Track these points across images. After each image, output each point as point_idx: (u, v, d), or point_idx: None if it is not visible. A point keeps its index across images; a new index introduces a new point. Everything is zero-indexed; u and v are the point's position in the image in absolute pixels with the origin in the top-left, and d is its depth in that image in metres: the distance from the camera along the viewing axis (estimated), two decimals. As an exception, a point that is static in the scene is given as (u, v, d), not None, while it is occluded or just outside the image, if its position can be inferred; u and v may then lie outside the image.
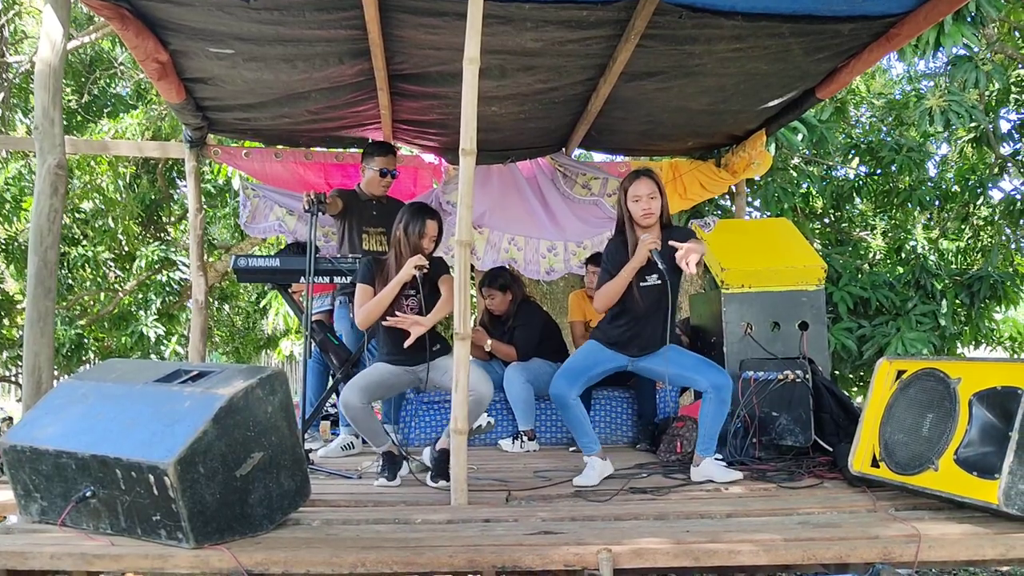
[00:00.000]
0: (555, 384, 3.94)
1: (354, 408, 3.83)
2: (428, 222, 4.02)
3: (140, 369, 3.18)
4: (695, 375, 3.91)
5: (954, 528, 2.88)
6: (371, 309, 3.95)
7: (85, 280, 10.16)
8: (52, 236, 3.48)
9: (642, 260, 3.83)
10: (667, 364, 3.93)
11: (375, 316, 3.95)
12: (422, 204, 4.17)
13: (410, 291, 4.01)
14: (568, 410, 3.92)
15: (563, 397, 3.90)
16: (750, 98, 5.36)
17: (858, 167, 9.02)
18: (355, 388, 3.87)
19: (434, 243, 4.06)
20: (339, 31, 4.28)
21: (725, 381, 3.84)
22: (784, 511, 3.24)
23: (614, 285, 3.90)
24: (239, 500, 2.79)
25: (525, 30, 4.24)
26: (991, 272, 7.75)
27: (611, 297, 3.93)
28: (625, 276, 3.87)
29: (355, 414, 3.84)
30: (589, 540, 2.75)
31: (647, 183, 3.92)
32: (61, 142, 3.54)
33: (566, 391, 3.91)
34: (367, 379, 3.95)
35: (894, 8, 4.19)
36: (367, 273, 4.05)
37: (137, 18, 4.09)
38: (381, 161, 5.14)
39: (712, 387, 3.82)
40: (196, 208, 5.84)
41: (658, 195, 3.92)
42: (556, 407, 3.98)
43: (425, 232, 4.00)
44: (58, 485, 2.85)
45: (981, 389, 3.07)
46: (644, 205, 3.89)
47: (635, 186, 3.94)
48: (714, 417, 3.85)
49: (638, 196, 3.91)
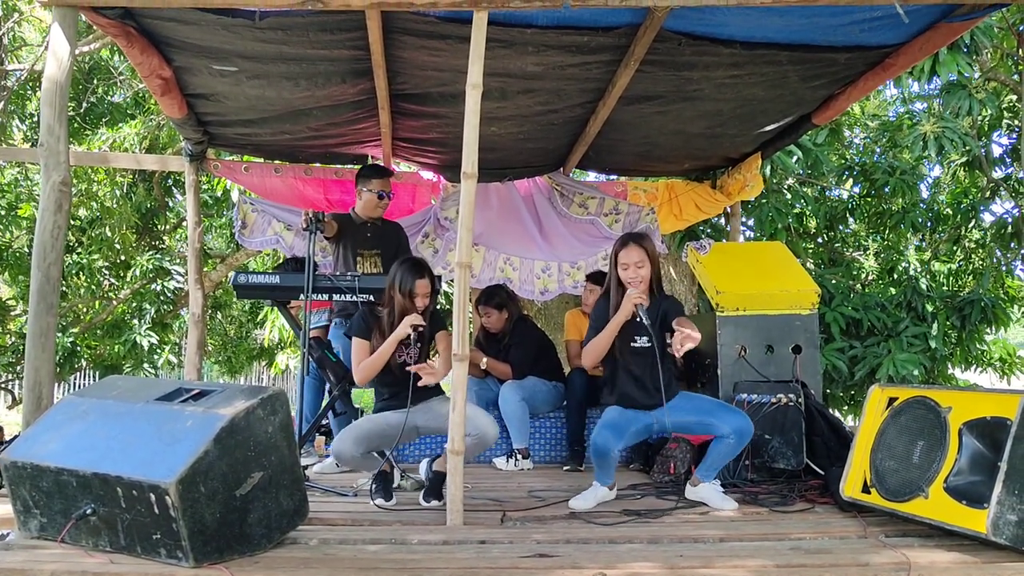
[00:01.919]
0: (601, 435, 3.80)
1: (346, 459, 3.89)
2: (418, 281, 4.00)
3: (141, 387, 3.20)
4: (715, 420, 3.85)
5: (943, 556, 2.92)
6: (368, 367, 3.97)
7: (79, 288, 10.15)
8: (55, 252, 3.50)
9: (627, 314, 3.81)
10: (683, 414, 3.90)
11: (373, 374, 3.98)
12: (416, 261, 4.12)
13: (407, 342, 4.04)
14: (606, 458, 3.83)
15: (607, 449, 3.79)
16: (747, 123, 5.44)
17: (852, 188, 9.10)
18: (348, 440, 3.87)
19: (428, 299, 4.05)
20: (342, 51, 4.33)
21: (748, 426, 3.81)
22: (776, 536, 3.28)
23: (599, 340, 3.88)
24: (238, 519, 2.81)
25: (527, 54, 4.30)
26: (982, 295, 7.83)
27: (597, 352, 3.91)
28: (610, 330, 3.85)
29: (347, 462, 3.92)
30: (584, 564, 2.78)
31: (636, 251, 3.88)
32: (66, 159, 3.56)
33: (613, 444, 3.79)
34: (364, 430, 3.95)
35: (890, 39, 4.26)
36: (363, 327, 4.05)
37: (142, 35, 4.13)
38: (379, 184, 5.20)
39: (735, 432, 3.79)
40: (195, 222, 5.87)
41: (646, 263, 3.87)
42: (594, 453, 3.84)
43: (416, 292, 3.99)
44: (58, 502, 2.87)
45: (971, 418, 3.12)
46: (632, 273, 3.87)
47: (624, 252, 3.90)
48: (727, 455, 3.87)
49: (627, 264, 3.89)
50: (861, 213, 9.14)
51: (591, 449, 3.88)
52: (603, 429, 3.83)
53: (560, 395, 5.49)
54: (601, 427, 3.85)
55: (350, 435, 3.90)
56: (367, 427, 3.99)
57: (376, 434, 4.00)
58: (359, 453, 3.90)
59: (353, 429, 3.95)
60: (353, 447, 3.86)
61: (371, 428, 3.99)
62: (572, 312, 5.89)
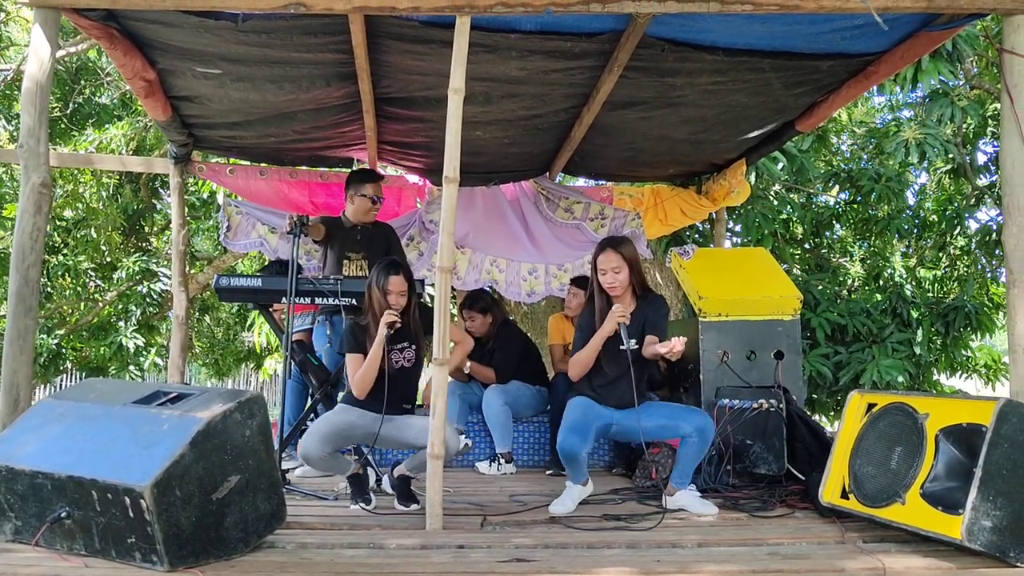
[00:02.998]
0: (567, 440, 3.79)
1: (314, 459, 3.82)
2: (391, 277, 3.98)
3: (119, 390, 3.19)
4: (677, 422, 3.88)
5: (919, 562, 2.93)
6: (363, 376, 3.92)
7: (65, 289, 10.11)
8: (35, 254, 3.48)
9: (609, 331, 3.88)
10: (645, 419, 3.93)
11: (369, 380, 3.92)
12: (390, 260, 4.12)
13: (403, 343, 4.03)
14: (575, 462, 3.85)
15: (576, 453, 3.80)
16: (731, 129, 5.46)
17: (838, 194, 9.15)
18: (315, 438, 3.80)
19: (404, 298, 4.01)
20: (326, 55, 4.33)
21: (708, 424, 3.86)
22: (754, 541, 3.28)
23: (584, 354, 3.96)
24: (215, 523, 2.80)
25: (510, 59, 4.31)
26: (966, 301, 7.87)
27: (583, 365, 3.98)
28: (594, 346, 3.93)
29: (316, 463, 3.85)
30: (561, 568, 2.79)
31: (612, 256, 3.94)
32: (46, 161, 3.55)
33: (580, 447, 3.80)
34: (328, 428, 3.87)
35: (872, 47, 4.29)
36: (352, 342, 4.00)
37: (125, 37, 4.12)
38: (372, 188, 5.18)
39: (696, 431, 3.82)
40: (180, 223, 5.85)
41: (623, 267, 3.94)
42: (562, 456, 3.86)
43: (389, 288, 3.96)
44: (33, 505, 2.86)
45: (948, 425, 3.13)
46: (609, 279, 3.95)
47: (601, 258, 3.98)
48: (693, 457, 3.88)
49: (604, 269, 3.97)
50: (847, 219, 9.19)
51: (560, 453, 3.88)
52: (569, 433, 3.82)
53: (544, 399, 5.50)
54: (566, 430, 3.84)
55: (315, 435, 3.82)
56: (330, 428, 3.88)
57: (341, 434, 3.92)
58: (326, 453, 3.83)
59: (317, 429, 3.85)
60: (320, 446, 3.79)
61: (335, 429, 3.89)
62: (555, 316, 5.90)
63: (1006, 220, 3.60)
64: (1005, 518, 2.84)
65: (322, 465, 3.88)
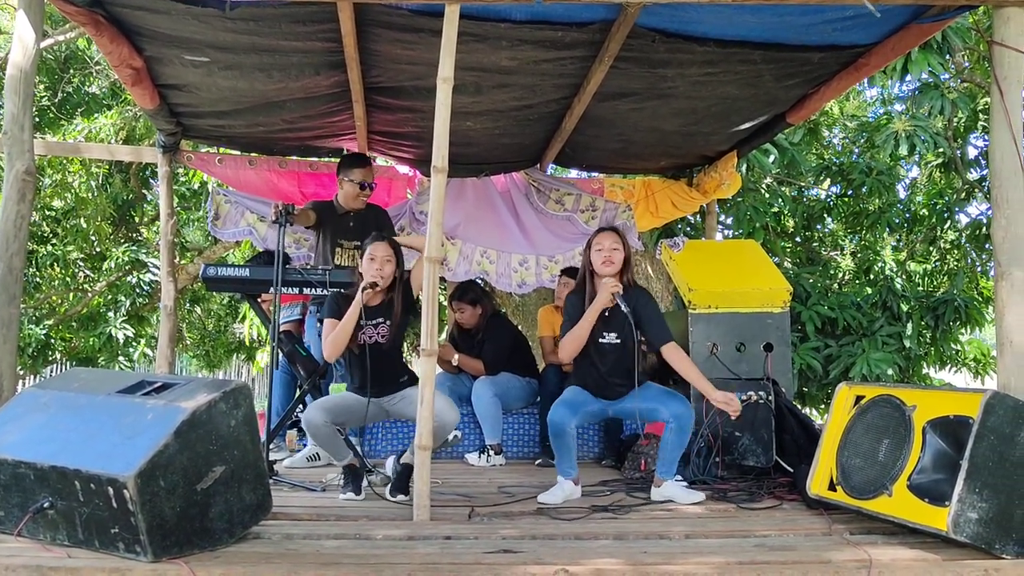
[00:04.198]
0: (557, 412, 3.88)
1: (316, 426, 3.84)
2: (376, 243, 4.04)
3: (103, 379, 3.17)
4: (658, 406, 3.93)
5: (905, 553, 2.93)
6: (335, 339, 3.94)
7: (53, 279, 10.05)
8: (18, 243, 3.45)
9: (604, 302, 3.91)
10: (635, 401, 3.98)
11: (341, 345, 3.94)
12: (376, 233, 4.19)
13: (377, 319, 4.03)
14: (562, 437, 3.89)
15: (562, 425, 3.86)
16: (722, 121, 5.45)
17: (829, 188, 9.15)
18: (320, 408, 3.88)
19: (390, 263, 4.04)
20: (315, 43, 4.29)
21: (686, 411, 3.88)
22: (742, 533, 3.28)
23: (577, 330, 3.96)
24: (199, 514, 2.78)
25: (500, 49, 4.28)
26: (956, 295, 7.89)
27: (576, 343, 3.99)
28: (588, 319, 3.94)
29: (317, 431, 3.85)
30: (547, 559, 2.77)
31: (612, 236, 4.05)
32: (30, 148, 3.52)
33: (567, 420, 3.87)
34: (333, 402, 3.97)
35: (863, 39, 4.28)
36: (334, 308, 4.03)
37: (112, 24, 4.07)
38: (360, 173, 5.15)
39: (673, 417, 3.86)
40: (168, 213, 5.81)
41: (621, 249, 4.01)
42: (551, 433, 3.91)
43: (373, 253, 4.01)
44: (16, 495, 2.83)
45: (935, 417, 3.14)
46: (606, 254, 3.99)
47: (599, 238, 4.05)
48: (674, 445, 3.90)
49: (601, 246, 4.02)
50: (838, 213, 9.20)
51: (549, 427, 3.92)
52: (558, 406, 3.91)
53: (533, 391, 5.49)
54: (557, 404, 3.93)
55: (317, 406, 3.90)
56: (335, 400, 4.00)
57: (343, 408, 4.00)
58: (325, 421, 3.85)
59: (319, 402, 3.97)
60: (322, 415, 3.84)
61: (339, 401, 4.00)
62: (545, 308, 5.88)
63: (994, 213, 3.60)
64: (991, 510, 2.85)
65: (325, 437, 3.88)
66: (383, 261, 4.01)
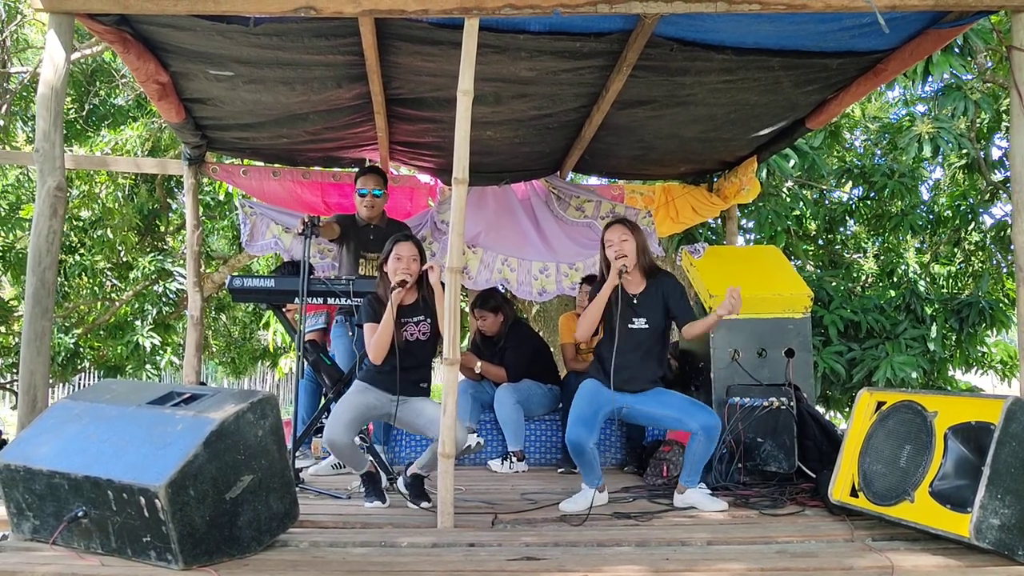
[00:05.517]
0: (573, 432, 3.90)
1: (340, 446, 3.86)
2: (400, 244, 4.07)
3: (134, 390, 3.24)
4: (685, 417, 3.93)
5: (927, 560, 2.94)
6: (377, 342, 3.96)
7: (82, 289, 10.21)
8: (51, 257, 3.54)
9: (614, 280, 3.98)
10: (655, 406, 4.00)
11: (384, 346, 3.96)
12: (401, 232, 4.24)
13: (417, 317, 4.07)
14: (583, 455, 3.91)
15: (582, 445, 3.88)
16: (741, 127, 5.46)
17: (851, 190, 9.10)
18: (339, 426, 3.86)
19: (416, 261, 4.07)
20: (337, 56, 4.36)
21: (715, 422, 3.88)
22: (763, 539, 3.30)
23: (590, 309, 4.04)
24: (228, 522, 2.84)
25: (520, 59, 4.33)
26: (981, 298, 7.82)
27: (590, 322, 4.04)
28: (601, 298, 4.00)
29: (340, 450, 3.89)
30: (570, 567, 2.81)
31: (619, 229, 4.09)
32: (61, 164, 3.60)
33: (585, 439, 3.89)
34: (349, 414, 3.93)
35: (881, 45, 4.28)
36: (370, 312, 4.06)
37: (139, 41, 4.16)
38: (362, 181, 5.24)
39: (702, 429, 3.86)
40: (194, 224, 5.91)
41: (630, 237, 4.05)
42: (571, 451, 3.94)
43: (400, 253, 4.04)
44: (51, 504, 2.91)
45: (956, 423, 3.14)
46: (616, 247, 4.03)
47: (608, 232, 4.11)
48: (702, 456, 3.91)
49: (611, 241, 4.07)
50: (861, 215, 9.15)
51: (568, 446, 3.95)
52: (574, 425, 3.92)
53: (555, 398, 5.52)
54: (573, 422, 3.94)
55: (339, 422, 3.88)
56: (352, 413, 3.95)
57: (361, 417, 4.04)
58: (350, 439, 3.89)
59: (340, 417, 3.91)
60: (344, 433, 3.86)
61: (356, 413, 3.97)
62: (567, 315, 5.92)
63: (1015, 217, 3.59)
64: (1013, 516, 2.85)
65: (345, 453, 3.91)
66: (409, 260, 4.04)
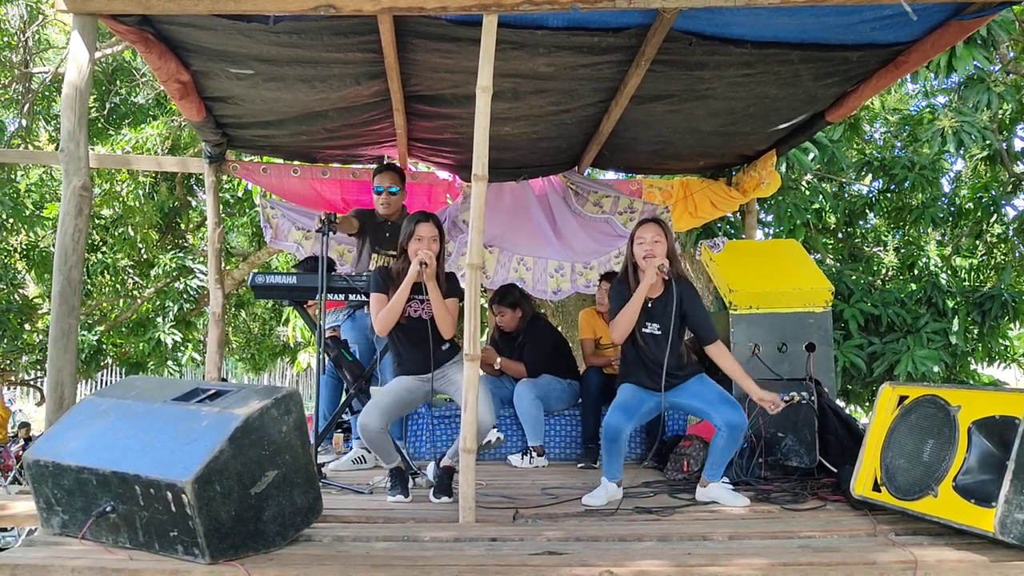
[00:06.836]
0: (613, 416, 3.90)
1: (371, 431, 3.87)
2: (419, 224, 4.03)
3: (160, 387, 3.27)
4: (712, 411, 3.91)
5: (951, 555, 2.93)
6: (386, 316, 3.97)
7: (104, 286, 10.32)
8: (76, 255, 3.58)
9: (651, 279, 3.92)
10: (687, 398, 4.00)
11: (392, 319, 3.97)
12: (421, 212, 4.21)
13: (420, 295, 4.04)
14: (616, 442, 3.90)
15: (618, 430, 3.88)
16: (760, 121, 5.44)
17: (871, 183, 9.04)
18: (375, 412, 3.89)
19: (436, 241, 4.04)
20: (356, 54, 4.38)
21: (740, 421, 3.86)
22: (785, 534, 3.29)
23: (627, 310, 3.95)
24: (253, 517, 2.87)
25: (538, 55, 4.33)
26: (1003, 290, 7.75)
27: (626, 323, 3.96)
28: (638, 297, 3.93)
29: (371, 436, 3.89)
30: (592, 561, 2.82)
31: (653, 228, 4.02)
32: (86, 164, 3.64)
33: (623, 425, 3.89)
34: (386, 402, 3.97)
35: (902, 37, 4.25)
36: (379, 282, 4.07)
37: (160, 41, 4.20)
38: (377, 180, 5.30)
39: (726, 426, 3.85)
40: (215, 222, 5.95)
41: (663, 240, 3.98)
42: (605, 436, 3.93)
43: (420, 234, 4.00)
44: (79, 499, 2.95)
45: (980, 417, 3.12)
46: (647, 247, 3.97)
47: (640, 230, 4.04)
48: (724, 451, 3.91)
49: (642, 239, 4.00)
50: (881, 208, 9.09)
51: (603, 431, 3.94)
52: (615, 410, 3.93)
53: (575, 393, 5.53)
54: (613, 408, 3.95)
55: (376, 408, 3.91)
56: (391, 399, 4.00)
57: (398, 404, 4.06)
58: (383, 425, 3.91)
59: (377, 403, 3.96)
60: (379, 419, 3.88)
61: (393, 400, 4.01)
62: (586, 311, 5.92)
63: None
64: (1038, 511, 2.83)
65: (375, 440, 3.92)
66: (430, 241, 4.01)
